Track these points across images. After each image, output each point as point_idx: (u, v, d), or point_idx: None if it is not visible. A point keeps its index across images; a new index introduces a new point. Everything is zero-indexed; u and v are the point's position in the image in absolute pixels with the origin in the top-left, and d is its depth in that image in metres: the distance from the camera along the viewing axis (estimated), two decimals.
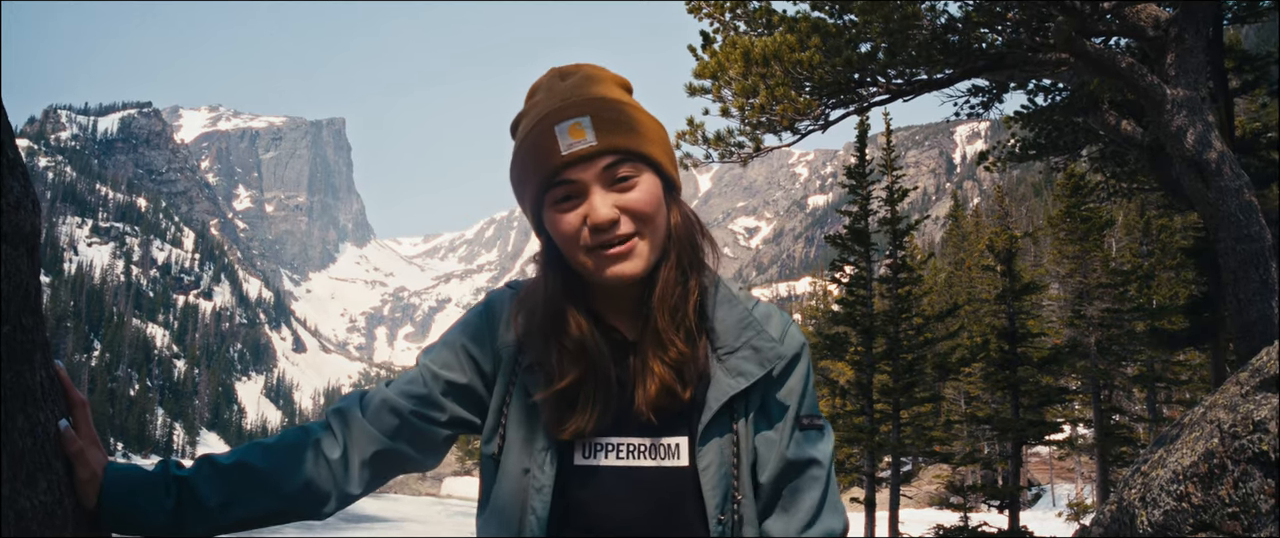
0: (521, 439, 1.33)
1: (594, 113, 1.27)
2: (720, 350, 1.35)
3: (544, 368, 1.32)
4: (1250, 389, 2.98)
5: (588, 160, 1.26)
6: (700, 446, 1.31)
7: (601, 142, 1.25)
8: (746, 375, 1.33)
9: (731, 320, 1.38)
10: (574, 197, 1.27)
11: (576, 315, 1.33)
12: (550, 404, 1.31)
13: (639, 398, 1.30)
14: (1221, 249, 7.13)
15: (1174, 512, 2.96)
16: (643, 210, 1.27)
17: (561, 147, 1.26)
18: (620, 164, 1.27)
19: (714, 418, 1.31)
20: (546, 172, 1.27)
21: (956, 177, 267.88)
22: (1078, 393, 23.78)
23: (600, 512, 1.30)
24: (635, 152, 1.28)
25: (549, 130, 1.27)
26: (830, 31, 8.74)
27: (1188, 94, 7.26)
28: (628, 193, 1.27)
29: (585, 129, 1.26)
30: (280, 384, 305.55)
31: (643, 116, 1.32)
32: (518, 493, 1.31)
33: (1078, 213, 22.57)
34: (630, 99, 1.35)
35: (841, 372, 22.10)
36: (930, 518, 25.93)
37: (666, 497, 1.30)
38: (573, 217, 1.27)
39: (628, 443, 1.32)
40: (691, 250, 1.35)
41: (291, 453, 1.31)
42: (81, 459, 1.17)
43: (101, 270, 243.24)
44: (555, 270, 1.35)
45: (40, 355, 1.12)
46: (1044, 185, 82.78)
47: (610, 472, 1.31)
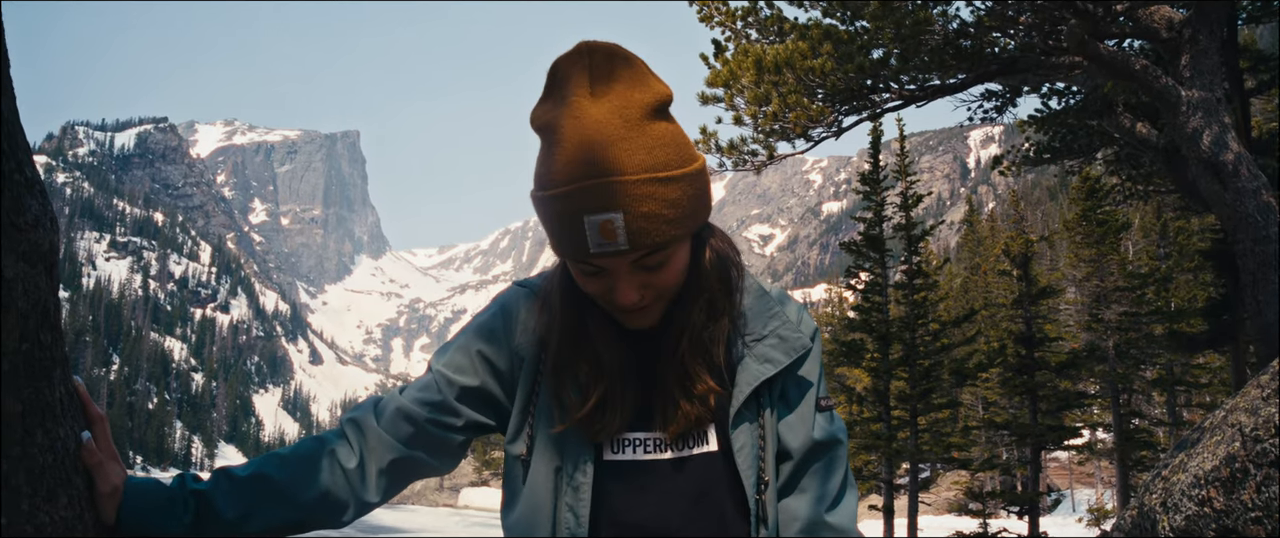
0: (551, 439, 1.33)
1: (627, 210, 1.17)
2: (748, 336, 1.37)
3: (570, 375, 1.33)
4: (1271, 392, 2.95)
5: (616, 256, 1.21)
6: (733, 429, 1.32)
7: (634, 245, 1.19)
8: (774, 363, 1.35)
9: (759, 309, 1.40)
10: (600, 272, 1.25)
11: (598, 323, 1.33)
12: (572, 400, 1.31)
13: (657, 422, 1.31)
14: (1239, 251, 7.08)
15: (1196, 517, 2.93)
16: (668, 286, 1.27)
17: (590, 244, 1.19)
18: (651, 254, 1.22)
19: (744, 403, 1.33)
20: (573, 256, 1.23)
21: (971, 181, 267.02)
22: (1096, 397, 23.64)
23: (631, 504, 1.30)
24: (668, 244, 1.22)
25: (578, 218, 1.18)
26: (842, 38, 8.73)
27: (1203, 95, 7.22)
28: (656, 273, 1.25)
29: (617, 231, 1.17)
30: (297, 396, 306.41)
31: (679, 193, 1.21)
32: (551, 492, 1.31)
33: (1094, 216, 22.45)
34: (668, 151, 1.22)
35: (858, 378, 22.03)
36: (949, 525, 25.81)
37: (696, 484, 1.31)
38: (596, 283, 1.26)
39: (654, 437, 1.32)
40: (723, 289, 1.34)
41: (308, 463, 1.31)
42: (101, 473, 1.18)
43: (119, 285, 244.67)
44: (572, 282, 1.34)
45: (59, 372, 1.12)
46: (1059, 189, 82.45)
47: (640, 465, 1.31)
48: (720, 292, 1.34)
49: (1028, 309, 18.15)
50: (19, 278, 1.05)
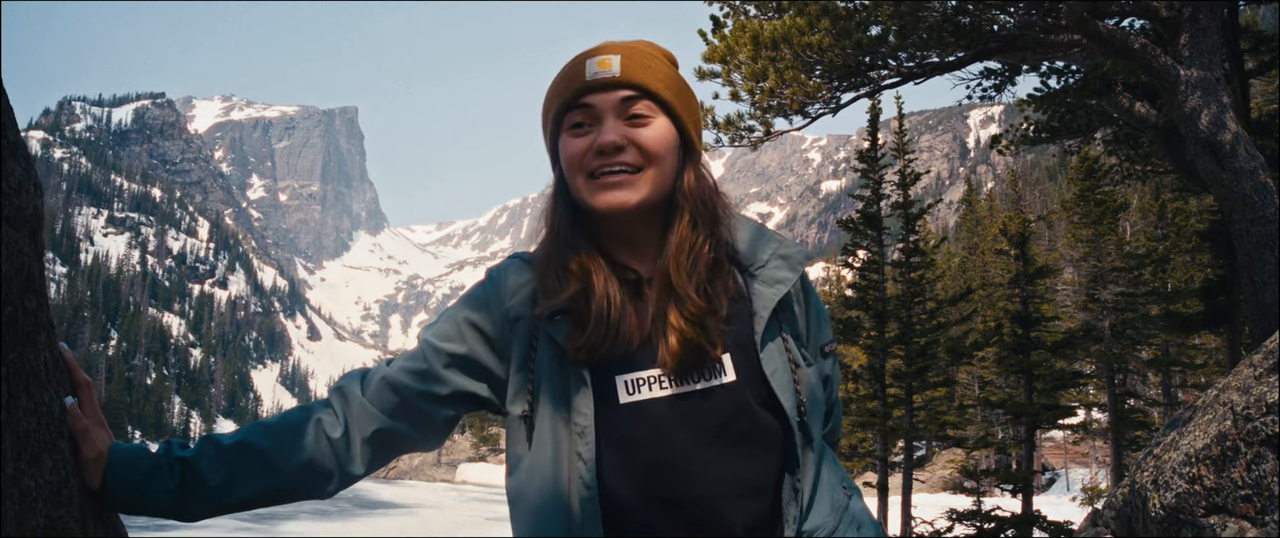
0: (555, 391, 1.33)
1: (626, 53, 1.35)
2: (752, 267, 1.42)
3: (546, 289, 1.35)
4: (1264, 371, 2.96)
5: (608, 89, 1.33)
6: (762, 351, 1.34)
7: (625, 75, 1.32)
8: (783, 281, 1.40)
9: (754, 239, 1.44)
10: (588, 124, 1.34)
11: (583, 243, 1.36)
12: (566, 331, 1.33)
13: (660, 352, 1.31)
14: (1236, 232, 7.07)
15: (1186, 495, 2.95)
16: (649, 147, 1.32)
17: (588, 73, 1.33)
18: (638, 100, 1.33)
19: (766, 326, 1.36)
20: (569, 93, 1.34)
21: (970, 161, 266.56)
22: (1092, 377, 23.72)
23: (654, 444, 1.29)
24: (655, 93, 1.34)
25: (581, 62, 1.35)
26: (840, 14, 8.69)
27: (1202, 75, 7.20)
28: (639, 129, 1.32)
29: (613, 63, 1.33)
30: (295, 372, 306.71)
31: (675, 75, 1.40)
32: (560, 444, 1.31)
33: (1092, 196, 22.45)
34: (670, 63, 1.43)
35: (855, 357, 22.07)
36: (944, 503, 25.91)
37: (714, 417, 1.31)
38: (583, 141, 1.33)
39: (666, 374, 1.32)
40: (707, 210, 1.38)
41: (293, 433, 1.31)
42: (87, 438, 1.18)
43: (117, 261, 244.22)
44: (565, 200, 1.39)
45: (44, 336, 1.13)
46: (1059, 169, 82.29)
47: (658, 404, 1.31)
48: (702, 210, 1.37)
49: (1024, 289, 18.14)
50: (4, 243, 1.05)
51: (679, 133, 1.37)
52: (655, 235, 1.37)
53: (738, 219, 1.44)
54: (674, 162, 1.36)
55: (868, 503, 14.50)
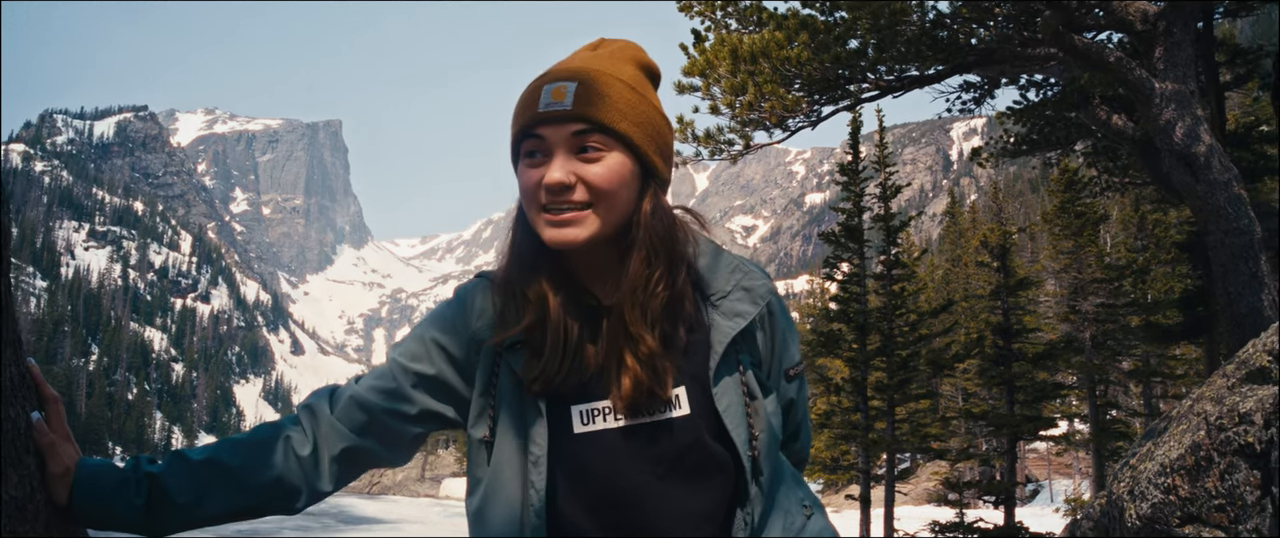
0: (514, 417, 1.32)
1: (582, 81, 1.29)
2: (713, 296, 1.39)
3: (504, 318, 1.34)
4: (1237, 381, 2.99)
5: (558, 122, 1.28)
6: (715, 386, 1.32)
7: (575, 108, 1.27)
8: (743, 315, 1.37)
9: (717, 267, 1.41)
10: (541, 155, 1.29)
11: (544, 271, 1.34)
12: (523, 361, 1.32)
13: (613, 392, 1.30)
14: (1211, 243, 7.14)
15: (1161, 505, 2.97)
16: (598, 185, 1.28)
17: (541, 103, 1.28)
18: (589, 134, 1.28)
19: (722, 360, 1.33)
20: (522, 123, 1.30)
21: (954, 174, 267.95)
22: (1074, 388, 23.75)
23: (607, 474, 1.29)
24: (607, 126, 1.28)
25: (538, 88, 1.30)
26: (819, 28, 8.74)
27: (1176, 88, 7.27)
28: (589, 165, 1.28)
29: (567, 93, 1.28)
30: (279, 387, 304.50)
31: (636, 100, 1.33)
32: (517, 470, 1.30)
33: (1072, 208, 22.57)
34: (638, 83, 1.36)
35: (838, 369, 22.10)
36: (927, 515, 25.95)
37: (669, 449, 1.30)
38: (536, 172, 1.29)
39: (619, 405, 1.30)
40: (664, 244, 1.34)
41: (262, 449, 1.31)
42: (53, 453, 1.18)
43: (99, 274, 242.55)
44: (524, 224, 1.36)
45: (10, 352, 1.13)
46: (1041, 181, 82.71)
47: (611, 435, 1.30)
48: (659, 244, 1.33)
49: (1006, 300, 18.24)
50: None
51: (639, 162, 1.33)
52: (615, 260, 1.35)
53: (702, 244, 1.42)
54: (630, 194, 1.32)
55: (850, 516, 14.52)
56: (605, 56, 1.36)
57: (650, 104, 1.35)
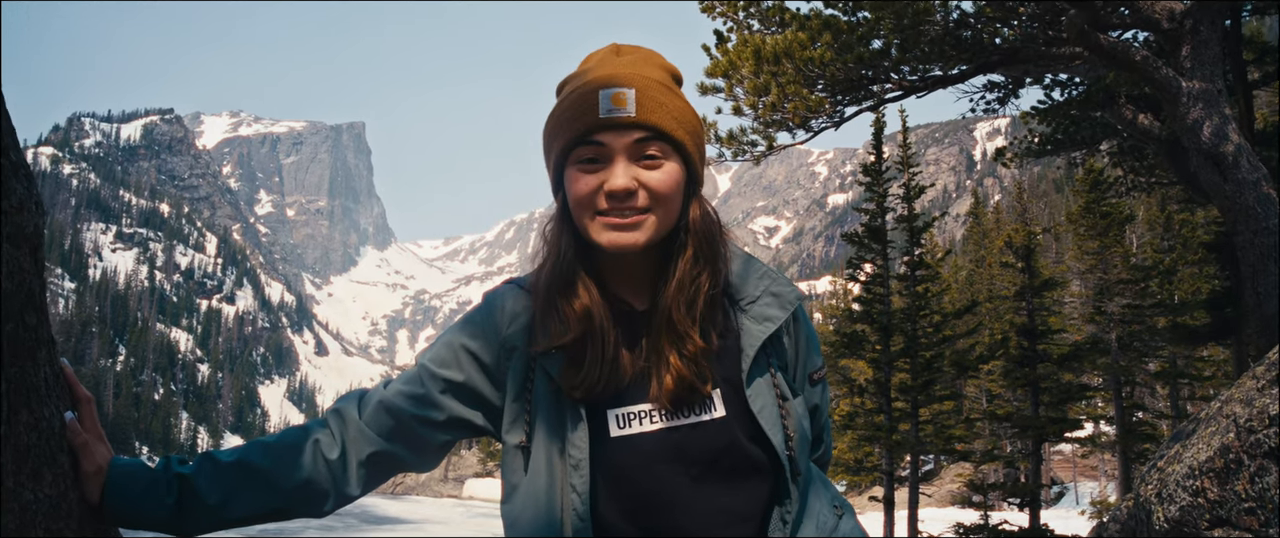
0: (551, 422, 1.33)
1: (641, 88, 1.31)
2: (742, 301, 1.41)
3: (546, 328, 1.34)
4: (1266, 383, 2.95)
5: (622, 129, 1.29)
6: (748, 388, 1.34)
7: (640, 115, 1.29)
8: (772, 320, 1.39)
9: (747, 273, 1.44)
10: (598, 161, 1.31)
11: (585, 279, 1.35)
12: (561, 368, 1.33)
13: (653, 388, 1.32)
14: (1239, 244, 7.06)
15: (1190, 508, 2.93)
16: (660, 191, 1.30)
17: (601, 109, 1.29)
18: (651, 142, 1.30)
19: (753, 362, 1.35)
20: (580, 129, 1.30)
21: (977, 174, 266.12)
22: (1099, 390, 23.53)
23: (643, 477, 1.30)
24: (669, 135, 1.31)
25: (594, 92, 1.31)
26: (842, 29, 8.72)
27: (1204, 86, 7.20)
28: (651, 171, 1.30)
29: (628, 100, 1.29)
30: (303, 387, 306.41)
31: (685, 107, 1.36)
32: (555, 475, 1.31)
33: (1097, 208, 22.36)
34: (677, 90, 1.39)
35: (861, 371, 22.03)
36: (951, 517, 25.83)
37: (705, 451, 1.31)
38: (592, 179, 1.30)
39: (656, 408, 1.32)
40: (708, 246, 1.38)
41: (291, 452, 1.32)
42: (87, 452, 1.20)
43: (126, 276, 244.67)
44: (568, 231, 1.37)
45: (44, 352, 1.14)
46: (1065, 181, 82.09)
47: (648, 438, 1.31)
48: (705, 246, 1.37)
49: (1031, 301, 18.10)
50: (4, 260, 1.07)
51: (687, 168, 1.36)
52: (651, 268, 1.37)
53: (732, 250, 1.44)
54: (681, 200, 1.35)
55: (874, 518, 14.50)
56: (641, 62, 1.37)
57: (694, 111, 1.38)
